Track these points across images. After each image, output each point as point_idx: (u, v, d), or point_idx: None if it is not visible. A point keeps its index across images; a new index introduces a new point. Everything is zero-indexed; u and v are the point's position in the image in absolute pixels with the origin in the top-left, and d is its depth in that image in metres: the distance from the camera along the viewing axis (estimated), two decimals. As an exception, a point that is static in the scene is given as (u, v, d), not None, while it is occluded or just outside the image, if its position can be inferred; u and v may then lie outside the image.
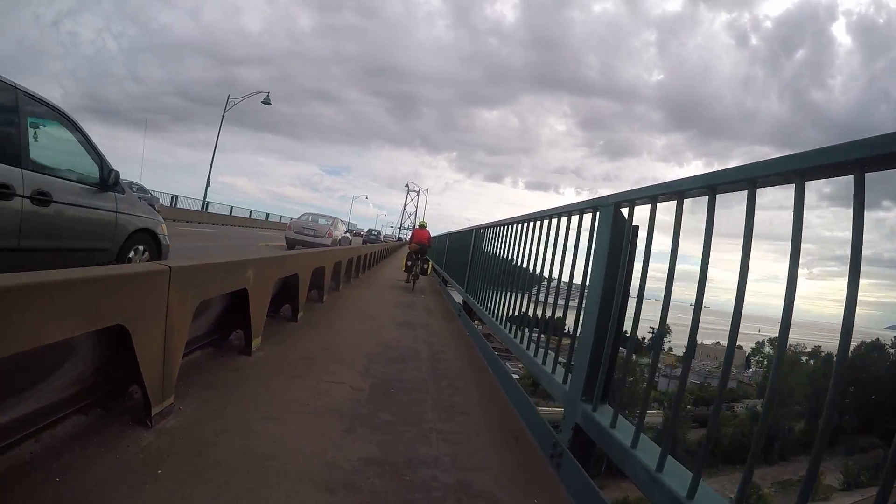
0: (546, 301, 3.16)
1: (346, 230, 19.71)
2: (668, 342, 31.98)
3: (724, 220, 1.52)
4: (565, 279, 2.70)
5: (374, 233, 60.91)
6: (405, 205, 75.15)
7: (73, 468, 1.66)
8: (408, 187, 74.59)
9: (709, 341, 43.05)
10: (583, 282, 2.16)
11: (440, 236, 14.79)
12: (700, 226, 1.51)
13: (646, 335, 32.21)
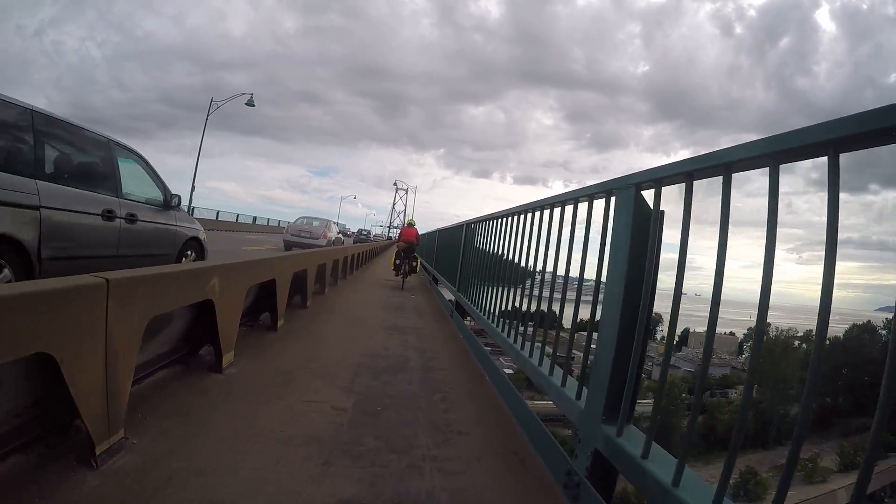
0: (551, 303, 2.84)
1: (339, 231, 20.73)
2: (661, 331, 31.93)
3: (713, 209, 1.39)
4: (572, 276, 2.38)
5: (364, 232, 62.07)
6: (394, 203, 74.47)
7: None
8: (396, 186, 73.89)
9: (701, 329, 43.32)
10: (597, 281, 1.84)
11: (429, 233, 14.45)
12: (699, 214, 1.46)
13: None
